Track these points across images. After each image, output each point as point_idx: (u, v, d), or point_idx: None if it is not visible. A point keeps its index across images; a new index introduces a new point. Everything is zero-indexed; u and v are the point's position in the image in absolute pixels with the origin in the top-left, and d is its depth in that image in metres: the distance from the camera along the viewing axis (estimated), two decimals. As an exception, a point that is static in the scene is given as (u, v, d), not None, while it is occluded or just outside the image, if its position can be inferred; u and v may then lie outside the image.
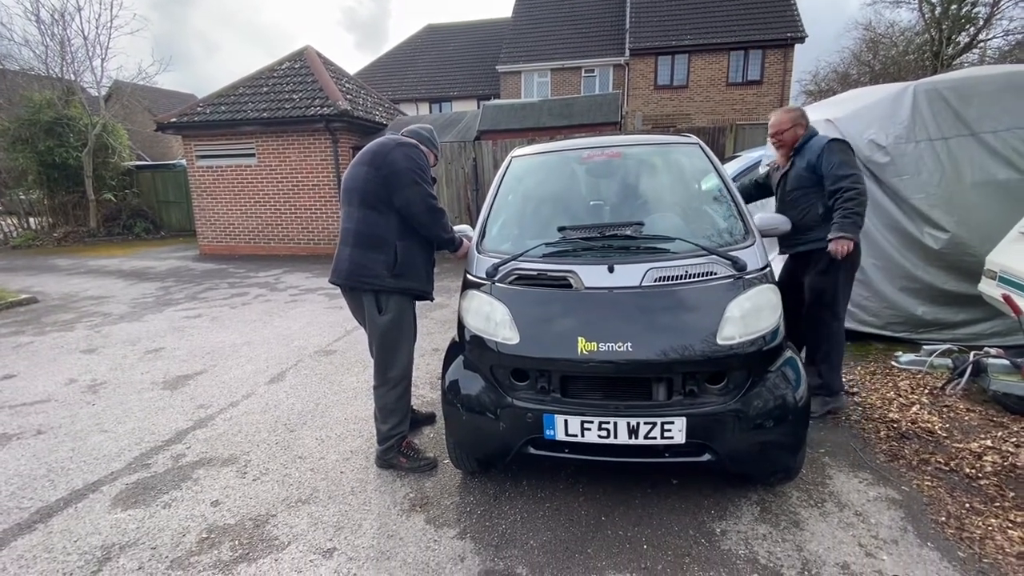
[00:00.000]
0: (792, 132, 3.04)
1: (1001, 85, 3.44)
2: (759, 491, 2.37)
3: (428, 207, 2.51)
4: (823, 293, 2.93)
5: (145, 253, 11.17)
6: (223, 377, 4.04)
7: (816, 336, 3.02)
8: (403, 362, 2.62)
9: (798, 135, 3.04)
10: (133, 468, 2.79)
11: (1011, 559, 1.93)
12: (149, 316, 5.99)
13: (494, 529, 2.20)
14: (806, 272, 3.02)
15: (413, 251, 2.57)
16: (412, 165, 2.50)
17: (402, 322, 2.59)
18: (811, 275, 2.97)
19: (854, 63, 22.14)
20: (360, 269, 2.51)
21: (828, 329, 2.96)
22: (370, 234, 2.51)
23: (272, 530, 2.25)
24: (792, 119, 3.05)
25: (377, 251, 2.50)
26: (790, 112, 3.10)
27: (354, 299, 2.64)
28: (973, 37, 17.36)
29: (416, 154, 2.55)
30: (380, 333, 2.56)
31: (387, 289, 2.52)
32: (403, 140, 2.60)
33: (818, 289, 2.94)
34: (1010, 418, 2.92)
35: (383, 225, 2.51)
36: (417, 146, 2.60)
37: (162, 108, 19.86)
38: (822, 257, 2.86)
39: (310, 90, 9.96)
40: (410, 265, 2.55)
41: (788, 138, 3.05)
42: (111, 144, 13.43)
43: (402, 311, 2.59)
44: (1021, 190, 3.36)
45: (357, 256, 2.51)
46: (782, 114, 3.11)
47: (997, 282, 2.87)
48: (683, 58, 17.91)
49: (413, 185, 2.46)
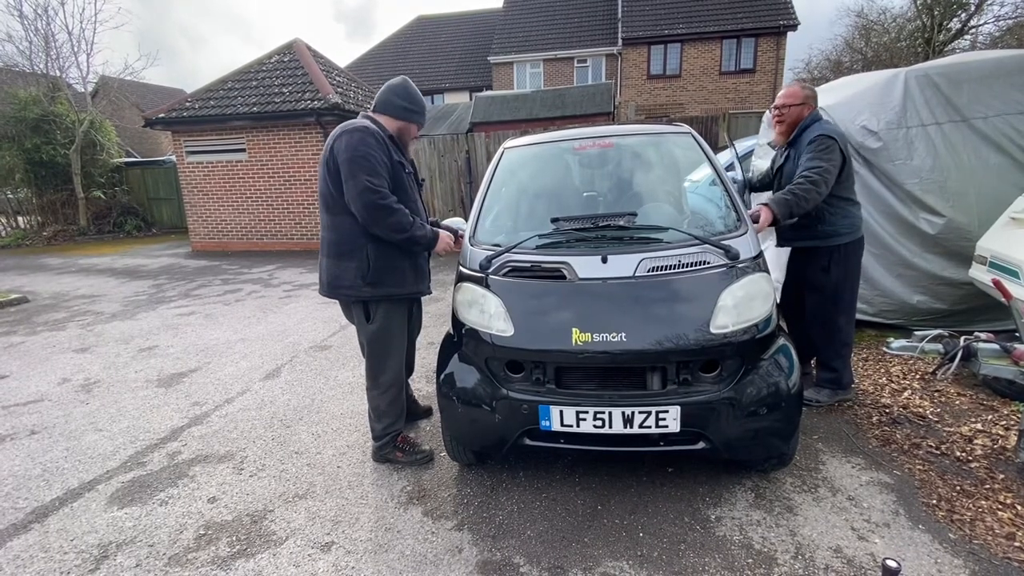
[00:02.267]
0: (799, 110, 2.84)
1: (991, 71, 3.44)
2: (753, 477, 2.39)
3: (365, 203, 2.19)
4: (824, 289, 2.87)
5: (137, 251, 11.07)
6: (218, 374, 4.03)
7: (824, 333, 2.94)
8: (394, 367, 2.55)
9: (803, 115, 2.85)
10: (129, 466, 2.78)
11: (1000, 540, 1.96)
12: (142, 314, 5.95)
13: (491, 520, 2.21)
14: (807, 269, 2.95)
15: (390, 253, 2.37)
16: (352, 155, 2.20)
17: (391, 328, 2.50)
18: (813, 272, 2.91)
19: (846, 50, 22.09)
20: (336, 280, 2.39)
21: (834, 325, 2.89)
22: (339, 241, 2.35)
23: (270, 525, 2.25)
24: (804, 96, 2.84)
25: (348, 259, 2.34)
26: (805, 88, 2.88)
27: (345, 305, 2.58)
28: (964, 23, 17.35)
29: (360, 139, 2.23)
30: (369, 341, 2.51)
31: (369, 298, 2.41)
32: (349, 125, 2.31)
33: (820, 285, 2.88)
34: (1000, 401, 2.96)
35: (350, 229, 2.31)
36: (364, 128, 2.27)
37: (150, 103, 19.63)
38: (822, 254, 2.82)
39: (300, 83, 9.85)
40: (387, 270, 2.37)
41: (792, 115, 2.85)
42: (99, 141, 13.27)
43: (391, 318, 2.48)
44: (1011, 175, 3.38)
45: (331, 266, 2.39)
46: (796, 86, 2.90)
47: (988, 267, 2.89)
48: (676, 47, 17.83)
49: (349, 179, 2.21)
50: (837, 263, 2.80)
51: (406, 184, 2.42)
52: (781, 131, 2.93)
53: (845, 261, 2.81)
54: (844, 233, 2.80)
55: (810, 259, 2.91)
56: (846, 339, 2.93)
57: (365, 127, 2.30)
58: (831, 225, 2.80)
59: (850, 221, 2.82)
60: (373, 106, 2.47)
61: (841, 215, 2.80)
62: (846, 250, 2.82)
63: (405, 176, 2.43)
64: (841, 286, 2.85)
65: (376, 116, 2.43)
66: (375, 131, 2.31)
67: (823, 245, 2.83)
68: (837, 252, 2.81)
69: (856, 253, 2.87)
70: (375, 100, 2.46)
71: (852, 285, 2.89)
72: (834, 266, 2.81)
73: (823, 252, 2.83)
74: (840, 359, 2.94)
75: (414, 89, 2.48)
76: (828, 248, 2.82)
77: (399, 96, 2.43)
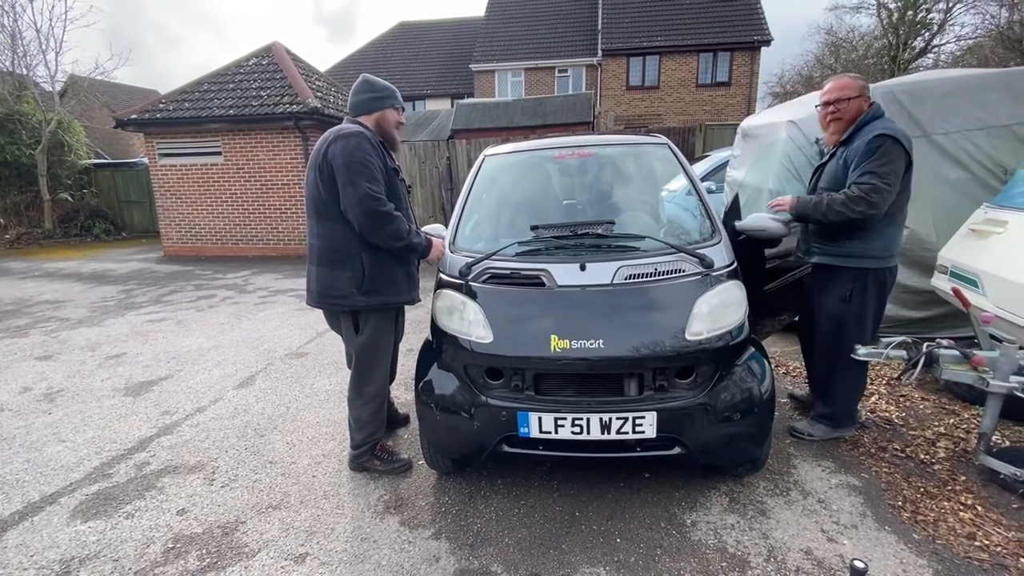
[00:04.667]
0: (857, 103, 2.40)
1: (951, 89, 3.60)
2: (728, 482, 2.44)
3: (366, 211, 2.16)
4: (845, 322, 2.46)
5: (105, 255, 10.74)
6: (189, 382, 3.93)
7: (831, 370, 2.58)
8: (380, 379, 2.52)
9: (862, 108, 2.41)
10: (93, 478, 2.68)
11: (962, 539, 2.03)
12: (110, 320, 5.76)
13: (469, 528, 2.20)
14: (824, 292, 2.54)
15: (385, 261, 2.32)
16: (349, 160, 2.15)
17: (380, 340, 2.46)
18: (830, 298, 2.50)
19: (817, 66, 22.90)
20: (328, 289, 2.32)
21: (846, 365, 2.47)
22: (331, 248, 2.29)
23: (242, 537, 2.20)
24: (860, 87, 2.41)
25: (342, 267, 2.28)
26: (857, 79, 2.44)
27: (331, 315, 2.54)
28: (928, 42, 18.19)
29: (356, 144, 2.18)
30: (357, 352, 2.47)
31: (362, 308, 2.36)
32: (344, 130, 2.26)
33: (839, 317, 2.48)
34: (961, 405, 3.07)
35: (343, 236, 2.26)
36: (359, 134, 2.23)
37: (122, 104, 19.10)
38: (843, 277, 2.43)
39: (279, 87, 9.73)
40: (383, 278, 2.33)
41: (851, 109, 2.41)
42: (67, 141, 12.87)
43: (380, 329, 2.44)
44: (970, 189, 3.53)
45: (323, 275, 2.32)
46: (847, 78, 2.45)
47: (948, 277, 3.01)
48: (654, 59, 18.21)
49: (347, 185, 2.16)
50: (860, 292, 2.41)
51: (399, 191, 2.39)
52: (836, 128, 2.48)
53: (870, 290, 2.42)
54: (874, 256, 2.39)
55: (829, 281, 2.52)
56: (857, 384, 2.58)
57: (360, 132, 2.25)
58: (861, 242, 2.37)
59: (883, 244, 2.39)
60: (352, 115, 2.43)
61: (876, 235, 2.36)
62: (874, 277, 2.41)
63: (398, 182, 2.40)
64: (862, 320, 2.44)
65: (360, 120, 2.39)
66: (370, 136, 2.28)
67: (846, 266, 2.43)
68: (863, 278, 2.41)
69: (883, 283, 2.45)
70: (349, 109, 2.43)
71: (873, 320, 2.48)
72: (856, 296, 2.42)
73: (845, 275, 2.44)
74: (848, 397, 2.60)
75: (373, 79, 2.43)
76: (852, 271, 2.42)
77: (362, 92, 2.39)
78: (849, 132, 2.43)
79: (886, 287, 2.49)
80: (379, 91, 2.40)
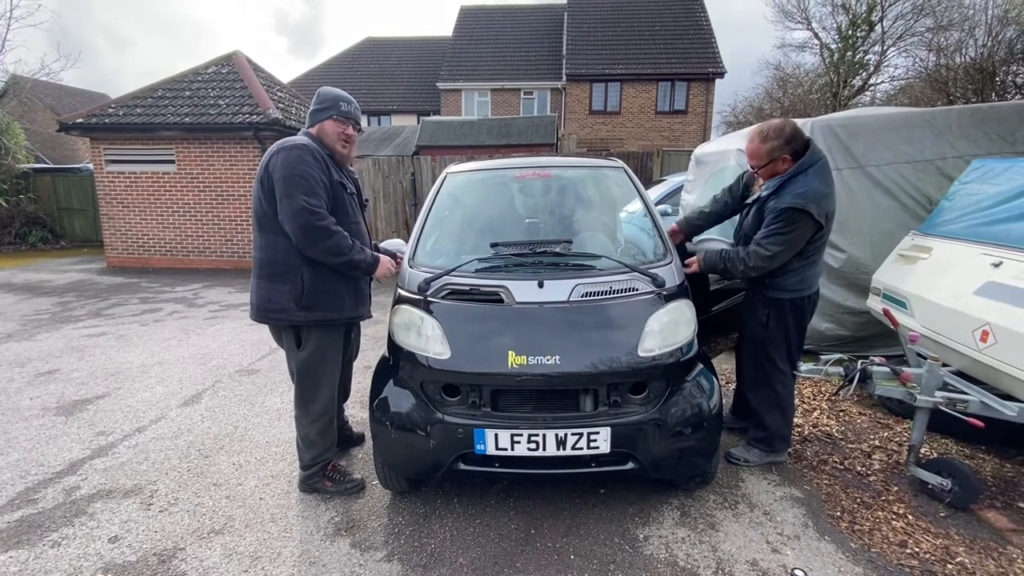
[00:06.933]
0: (770, 168, 2.47)
1: (882, 125, 3.91)
2: (680, 496, 2.49)
3: (301, 224, 2.11)
4: (765, 345, 2.60)
5: (41, 265, 10.08)
6: (129, 400, 3.71)
7: (757, 391, 2.71)
8: (326, 396, 2.44)
9: (779, 171, 2.45)
10: (17, 504, 2.48)
11: (895, 547, 2.14)
12: (42, 335, 5.39)
13: (423, 549, 2.16)
14: (748, 315, 2.71)
15: (327, 276, 2.28)
16: (288, 173, 2.13)
17: (324, 355, 2.39)
18: (753, 323, 2.65)
19: (767, 99, 24.26)
20: (267, 303, 2.28)
21: (769, 384, 2.63)
22: (272, 261, 2.25)
23: (180, 565, 2.08)
24: (769, 151, 2.40)
25: (281, 281, 2.24)
26: (767, 141, 2.41)
27: (275, 329, 2.45)
28: (865, 81, 19.60)
29: (297, 157, 2.16)
30: (299, 368, 2.39)
31: (301, 323, 2.30)
32: (287, 142, 2.23)
33: (760, 340, 2.62)
34: (894, 419, 3.27)
35: (285, 250, 2.22)
36: (302, 146, 2.20)
37: (67, 107, 18.21)
38: (763, 306, 2.58)
39: (239, 96, 9.51)
40: (322, 293, 2.27)
41: (766, 172, 2.51)
42: (5, 144, 12.09)
43: (324, 345, 2.38)
44: (899, 217, 3.81)
45: (262, 289, 2.28)
46: (758, 142, 2.44)
47: (881, 298, 3.22)
48: (616, 86, 18.88)
49: (284, 198, 2.13)
50: (777, 318, 2.54)
51: (347, 205, 2.36)
52: (763, 177, 2.57)
53: (787, 317, 2.54)
54: (790, 289, 2.52)
55: (751, 306, 2.69)
56: (782, 403, 2.64)
57: (303, 144, 2.23)
58: (778, 278, 2.51)
59: (799, 279, 2.51)
60: (306, 127, 2.42)
61: (792, 274, 2.49)
62: (791, 304, 2.53)
63: (347, 197, 2.37)
64: (776, 342, 2.57)
65: (311, 132, 2.37)
66: (314, 149, 2.25)
67: (763, 294, 2.57)
68: (779, 305, 2.54)
69: (801, 310, 2.56)
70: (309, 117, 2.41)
71: (793, 344, 2.59)
72: (773, 321, 2.55)
73: (761, 303, 2.59)
74: (776, 418, 2.66)
75: (324, 90, 2.41)
76: (767, 299, 2.57)
77: (313, 104, 2.38)
78: (777, 185, 2.46)
79: (805, 313, 2.58)
80: (321, 102, 2.36)
